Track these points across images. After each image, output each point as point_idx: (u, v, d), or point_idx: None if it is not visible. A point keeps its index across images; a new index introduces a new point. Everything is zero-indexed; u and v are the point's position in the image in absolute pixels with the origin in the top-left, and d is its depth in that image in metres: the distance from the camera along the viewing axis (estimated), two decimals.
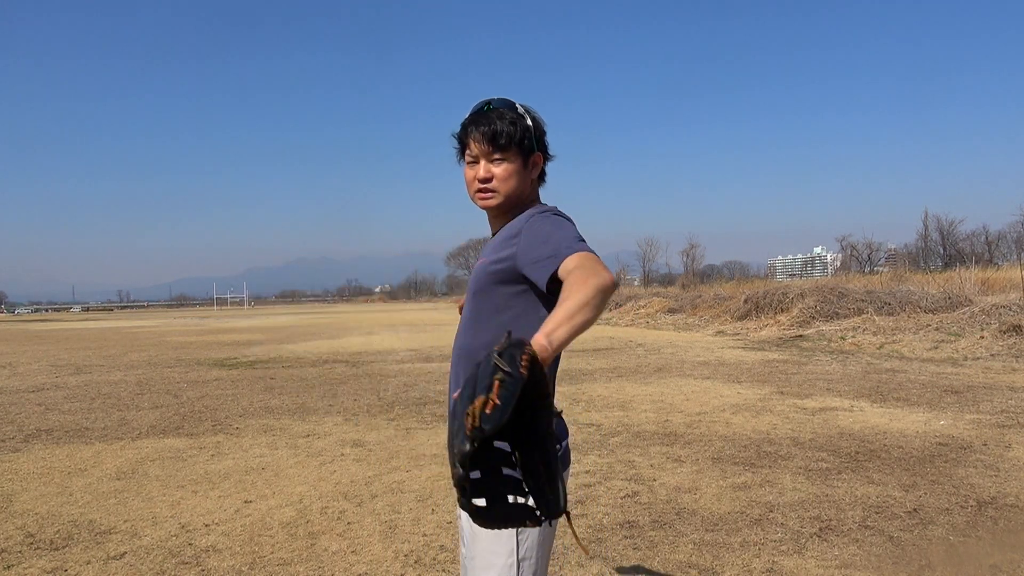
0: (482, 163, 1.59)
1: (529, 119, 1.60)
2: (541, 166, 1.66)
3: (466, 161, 1.63)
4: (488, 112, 1.59)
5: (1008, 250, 56.83)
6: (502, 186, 1.59)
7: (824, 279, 29.29)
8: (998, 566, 3.15)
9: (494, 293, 1.57)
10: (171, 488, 4.60)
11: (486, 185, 1.60)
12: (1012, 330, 11.84)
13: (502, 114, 1.58)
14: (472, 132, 1.59)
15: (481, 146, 1.58)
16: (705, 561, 3.23)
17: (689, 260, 70.67)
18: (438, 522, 3.81)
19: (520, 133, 1.57)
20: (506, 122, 1.56)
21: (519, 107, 1.61)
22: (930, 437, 5.61)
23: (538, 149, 1.63)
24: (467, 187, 1.64)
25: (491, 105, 1.60)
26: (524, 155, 1.60)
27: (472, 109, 1.63)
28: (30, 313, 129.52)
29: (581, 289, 1.26)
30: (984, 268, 24.00)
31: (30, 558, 3.42)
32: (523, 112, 1.60)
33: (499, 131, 1.56)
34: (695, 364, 11.26)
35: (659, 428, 6.18)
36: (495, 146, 1.57)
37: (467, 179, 1.64)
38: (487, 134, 1.56)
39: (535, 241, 1.48)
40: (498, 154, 1.57)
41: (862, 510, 3.89)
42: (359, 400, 8.17)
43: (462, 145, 1.64)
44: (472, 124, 1.59)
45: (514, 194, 1.60)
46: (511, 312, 1.55)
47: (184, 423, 6.95)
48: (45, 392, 9.62)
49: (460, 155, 1.66)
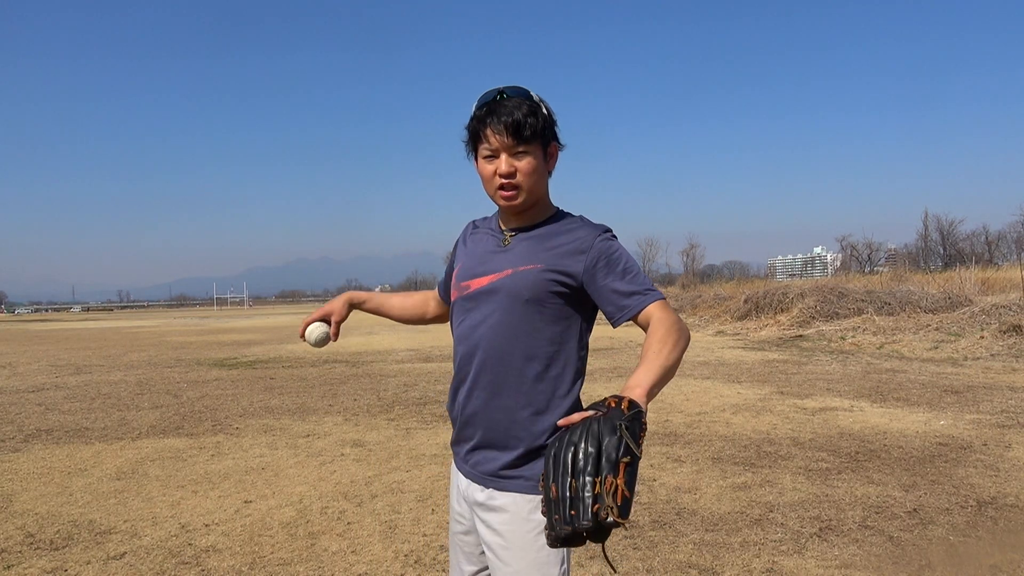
0: (504, 157, 1.46)
1: (544, 108, 1.49)
2: (556, 157, 1.56)
3: (481, 156, 1.49)
4: (503, 101, 1.47)
5: (1008, 250, 56.90)
6: (527, 181, 1.47)
7: (824, 279, 29.27)
8: (998, 566, 3.15)
9: (548, 303, 1.48)
10: (171, 488, 4.60)
11: (511, 181, 1.47)
12: (1012, 330, 11.84)
13: (519, 103, 1.45)
14: (491, 123, 1.45)
15: (503, 139, 1.44)
16: (705, 561, 3.23)
17: (689, 260, 70.75)
18: (438, 522, 3.81)
19: (541, 123, 1.46)
20: (526, 111, 1.44)
21: (534, 95, 1.49)
22: (930, 437, 5.60)
23: (553, 139, 1.52)
24: (485, 184, 1.52)
25: (505, 94, 1.48)
26: (544, 146, 1.50)
27: (481, 99, 1.50)
28: (30, 313, 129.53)
29: (673, 351, 1.34)
30: (984, 268, 24.01)
31: (30, 558, 3.42)
32: (538, 100, 1.49)
33: (522, 122, 1.43)
34: (695, 364, 11.26)
35: (659, 428, 6.18)
36: (519, 138, 1.44)
37: (484, 175, 1.50)
38: (509, 125, 1.43)
39: (614, 269, 1.48)
40: (522, 147, 1.45)
41: (862, 510, 3.89)
42: (359, 400, 8.17)
43: (475, 138, 1.50)
44: (490, 115, 1.46)
45: (538, 189, 1.51)
46: (559, 327, 1.50)
47: (184, 423, 6.95)
48: (45, 392, 9.62)
49: (471, 149, 1.53)
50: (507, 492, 1.47)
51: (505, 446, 1.48)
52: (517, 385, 1.47)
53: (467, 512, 1.57)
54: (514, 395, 1.47)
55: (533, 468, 1.46)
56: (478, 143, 1.49)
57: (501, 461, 1.48)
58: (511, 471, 1.47)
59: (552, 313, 1.49)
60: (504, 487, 1.47)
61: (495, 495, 1.48)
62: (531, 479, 1.45)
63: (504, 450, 1.48)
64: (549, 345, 1.49)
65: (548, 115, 1.49)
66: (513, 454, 1.47)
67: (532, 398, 1.47)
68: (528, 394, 1.47)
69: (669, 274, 73.32)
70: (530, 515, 1.44)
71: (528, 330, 1.48)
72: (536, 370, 1.47)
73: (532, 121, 1.44)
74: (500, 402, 1.49)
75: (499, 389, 1.48)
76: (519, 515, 1.45)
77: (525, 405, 1.47)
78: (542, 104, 1.49)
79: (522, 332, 1.48)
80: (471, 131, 1.51)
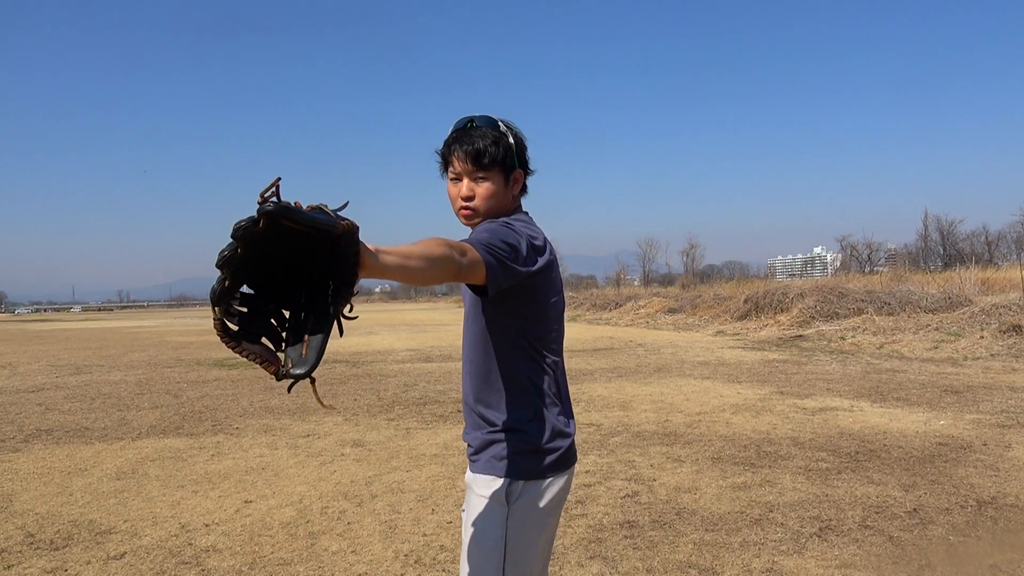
0: (465, 182, 1.61)
1: (511, 136, 1.62)
2: (522, 182, 1.68)
3: (449, 178, 1.65)
4: (470, 130, 1.61)
5: (1008, 250, 56.88)
6: (483, 204, 1.61)
7: (824, 279, 29.27)
8: (998, 566, 3.15)
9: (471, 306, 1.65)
10: (171, 488, 4.60)
11: (468, 204, 1.62)
12: (1012, 330, 11.84)
13: (484, 133, 1.60)
14: (455, 150, 1.60)
15: (464, 165, 1.59)
16: (705, 561, 3.23)
17: (689, 260, 70.70)
18: (438, 522, 3.82)
19: (502, 152, 1.59)
20: (488, 141, 1.58)
21: (501, 125, 1.62)
22: (930, 437, 5.61)
23: (519, 166, 1.65)
24: (451, 203, 1.66)
25: (474, 122, 1.62)
26: (506, 173, 1.62)
27: (454, 126, 1.65)
28: (30, 313, 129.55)
29: (425, 249, 1.23)
30: (984, 268, 24.00)
31: (30, 558, 3.42)
32: (505, 130, 1.62)
33: (482, 151, 1.58)
34: (695, 364, 11.26)
35: (659, 428, 6.18)
36: (478, 165, 1.59)
37: (451, 196, 1.65)
38: (470, 153, 1.58)
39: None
40: (481, 173, 1.59)
41: (862, 510, 3.89)
42: (359, 400, 8.17)
43: (445, 162, 1.65)
44: (455, 142, 1.61)
45: (494, 212, 1.62)
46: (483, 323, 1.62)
47: (184, 423, 6.95)
48: (45, 392, 9.62)
49: (443, 170, 1.67)
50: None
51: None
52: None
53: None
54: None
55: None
56: (448, 165, 1.64)
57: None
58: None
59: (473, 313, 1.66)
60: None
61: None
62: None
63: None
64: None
65: (514, 144, 1.62)
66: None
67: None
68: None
69: (669, 274, 73.24)
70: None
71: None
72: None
73: (493, 150, 1.59)
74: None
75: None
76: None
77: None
78: (509, 133, 1.62)
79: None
80: (442, 155, 1.66)
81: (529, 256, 1.49)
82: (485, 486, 1.58)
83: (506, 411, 1.59)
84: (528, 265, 1.48)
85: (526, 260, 1.47)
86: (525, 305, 1.57)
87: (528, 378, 1.60)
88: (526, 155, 1.68)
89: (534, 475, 1.57)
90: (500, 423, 1.59)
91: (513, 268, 1.42)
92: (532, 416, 1.59)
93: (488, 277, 1.36)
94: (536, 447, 1.58)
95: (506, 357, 1.59)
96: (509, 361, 1.59)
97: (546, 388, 1.62)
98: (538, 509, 1.57)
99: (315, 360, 1.04)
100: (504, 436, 1.58)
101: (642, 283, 67.11)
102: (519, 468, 1.56)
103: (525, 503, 1.56)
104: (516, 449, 1.57)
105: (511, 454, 1.57)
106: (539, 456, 1.58)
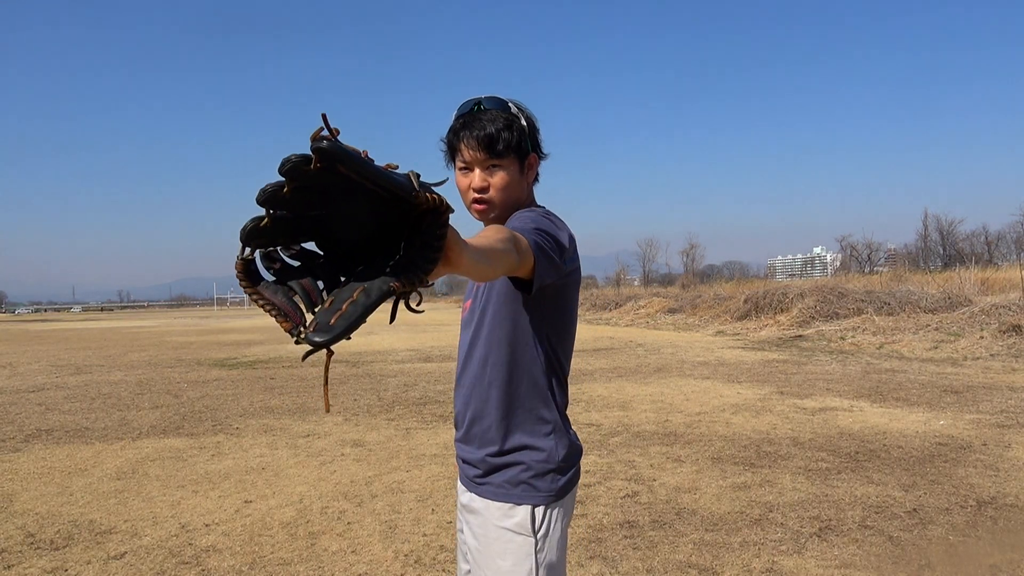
0: (477, 171, 1.44)
1: (523, 118, 1.45)
2: (536, 168, 1.52)
3: (457, 167, 1.47)
4: (479, 113, 1.44)
5: (1008, 250, 56.90)
6: (499, 196, 1.44)
7: (824, 279, 29.29)
8: (998, 566, 3.15)
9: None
10: (171, 488, 4.61)
11: (482, 196, 1.44)
12: (1012, 330, 11.84)
13: (495, 116, 1.42)
14: (464, 137, 1.42)
15: (475, 153, 1.42)
16: (705, 561, 3.23)
17: (689, 260, 70.70)
18: (438, 522, 3.82)
19: (516, 137, 1.43)
20: (500, 125, 1.41)
21: (511, 106, 1.45)
22: (930, 437, 5.61)
23: (533, 149, 1.48)
24: (461, 196, 1.48)
25: (481, 105, 1.44)
26: (520, 159, 1.45)
27: (459, 109, 1.47)
28: (30, 313, 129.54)
29: (498, 241, 1.10)
30: (984, 268, 24.01)
31: (30, 558, 3.42)
32: (516, 112, 1.45)
33: (495, 136, 1.41)
34: (695, 364, 11.26)
35: (659, 428, 6.18)
36: (491, 153, 1.41)
37: (460, 188, 1.47)
38: (482, 140, 1.41)
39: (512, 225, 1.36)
40: (494, 161, 1.42)
41: (862, 510, 3.89)
42: (359, 400, 8.17)
43: (452, 150, 1.47)
44: (464, 128, 1.43)
45: (510, 203, 1.46)
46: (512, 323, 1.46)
47: (184, 423, 6.95)
48: (45, 392, 9.62)
49: (449, 160, 1.49)
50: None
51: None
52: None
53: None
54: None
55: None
56: (455, 154, 1.47)
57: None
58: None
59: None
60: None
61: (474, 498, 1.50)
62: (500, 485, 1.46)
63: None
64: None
65: (526, 126, 1.46)
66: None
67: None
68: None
69: (669, 274, 73.20)
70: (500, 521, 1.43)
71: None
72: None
73: (507, 135, 1.41)
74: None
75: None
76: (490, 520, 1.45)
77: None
78: (520, 115, 1.45)
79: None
80: (448, 143, 1.48)
81: (568, 252, 1.36)
82: (503, 516, 1.41)
83: (523, 425, 1.43)
84: (567, 262, 1.36)
85: (564, 256, 1.34)
86: (555, 306, 1.43)
87: (548, 388, 1.45)
88: (539, 137, 1.50)
89: (557, 496, 1.43)
90: (515, 439, 1.43)
91: (558, 264, 1.30)
92: (550, 430, 1.44)
93: (536, 271, 1.22)
94: (555, 465, 1.43)
95: (531, 363, 1.43)
96: (533, 367, 1.43)
97: (560, 400, 1.47)
98: (563, 532, 1.44)
99: (342, 331, 0.82)
100: (520, 456, 1.43)
101: (642, 283, 67.09)
102: (541, 492, 1.41)
103: (552, 530, 1.42)
104: (536, 471, 1.42)
105: (530, 477, 1.41)
106: (558, 475, 1.43)
